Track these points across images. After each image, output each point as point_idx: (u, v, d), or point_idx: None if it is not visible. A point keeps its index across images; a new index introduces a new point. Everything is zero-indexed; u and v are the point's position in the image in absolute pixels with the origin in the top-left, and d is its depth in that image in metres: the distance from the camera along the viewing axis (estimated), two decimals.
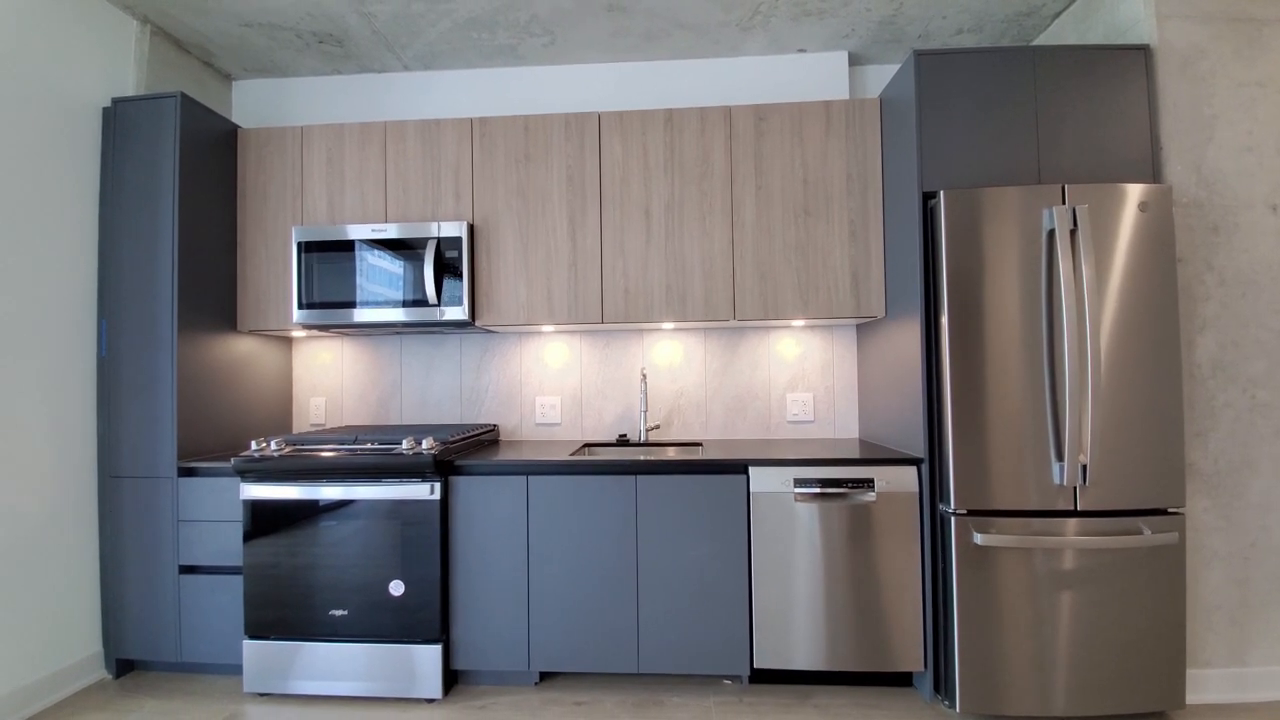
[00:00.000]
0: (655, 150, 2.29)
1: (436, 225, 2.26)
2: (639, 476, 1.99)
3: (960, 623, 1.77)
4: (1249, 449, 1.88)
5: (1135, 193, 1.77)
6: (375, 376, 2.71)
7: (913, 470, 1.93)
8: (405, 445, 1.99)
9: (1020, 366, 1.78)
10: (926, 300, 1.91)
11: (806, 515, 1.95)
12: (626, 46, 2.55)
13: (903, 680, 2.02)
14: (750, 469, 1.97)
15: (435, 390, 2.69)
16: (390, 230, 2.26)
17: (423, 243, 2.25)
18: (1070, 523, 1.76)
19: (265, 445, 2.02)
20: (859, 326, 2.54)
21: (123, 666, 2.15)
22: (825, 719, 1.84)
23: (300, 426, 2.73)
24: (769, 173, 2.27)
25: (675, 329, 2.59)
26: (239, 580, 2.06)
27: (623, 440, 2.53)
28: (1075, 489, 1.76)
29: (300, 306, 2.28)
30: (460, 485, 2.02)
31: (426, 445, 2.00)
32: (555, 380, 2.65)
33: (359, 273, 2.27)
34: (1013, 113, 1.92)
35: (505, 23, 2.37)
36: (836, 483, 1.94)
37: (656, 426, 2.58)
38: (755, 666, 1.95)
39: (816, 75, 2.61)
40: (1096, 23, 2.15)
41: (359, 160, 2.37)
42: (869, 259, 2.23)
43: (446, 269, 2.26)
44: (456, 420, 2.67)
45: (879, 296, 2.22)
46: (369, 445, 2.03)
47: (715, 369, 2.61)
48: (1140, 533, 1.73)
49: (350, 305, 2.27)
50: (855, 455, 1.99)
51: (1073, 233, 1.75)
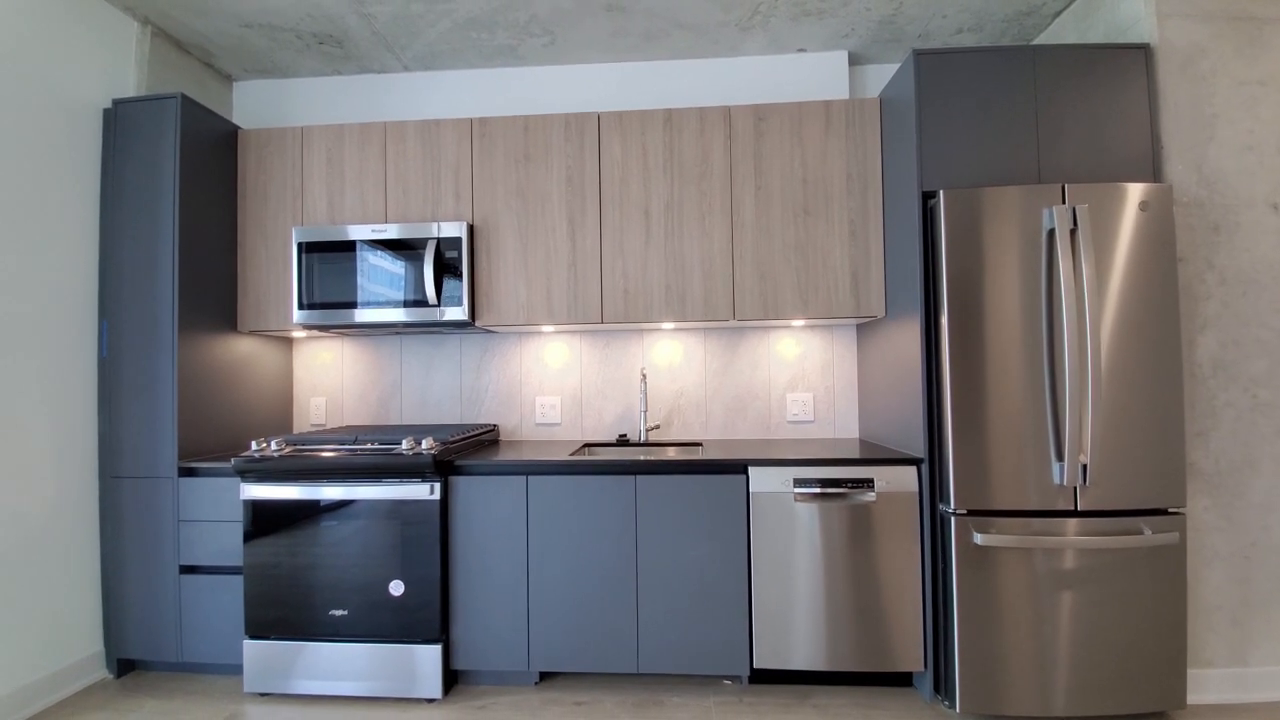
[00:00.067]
0: (655, 150, 2.29)
1: (436, 225, 2.26)
2: (639, 476, 1.99)
3: (960, 623, 1.77)
4: (1250, 448, 1.88)
5: (1136, 192, 1.77)
6: (375, 376, 2.71)
7: (912, 470, 1.93)
8: (405, 445, 1.99)
9: (1020, 366, 1.78)
10: (926, 300, 1.90)
11: (806, 515, 1.95)
12: (626, 46, 2.55)
13: (903, 680, 2.01)
14: (750, 469, 1.97)
15: (435, 390, 2.69)
16: (390, 230, 2.26)
17: (423, 243, 2.25)
18: (1070, 523, 1.76)
19: (265, 445, 2.02)
20: (859, 326, 2.53)
21: (123, 666, 2.15)
22: (825, 719, 1.84)
23: (301, 426, 2.74)
24: (769, 173, 2.26)
25: (675, 329, 2.59)
26: (239, 580, 2.06)
27: (623, 440, 2.53)
28: (1075, 489, 1.75)
29: (300, 307, 2.29)
30: (460, 485, 2.03)
31: (426, 445, 2.00)
32: (555, 380, 2.65)
33: (359, 273, 2.27)
34: (1013, 112, 1.92)
35: (505, 23, 2.37)
36: (836, 483, 1.94)
37: (656, 426, 2.58)
38: (755, 666, 1.95)
39: (816, 75, 2.61)
40: (1097, 22, 2.15)
41: (359, 160, 2.37)
42: (869, 259, 2.23)
43: (446, 269, 2.26)
44: (456, 420, 2.67)
45: (879, 296, 2.22)
46: (369, 445, 2.03)
47: (715, 369, 2.61)
48: (1141, 533, 1.73)
49: (350, 305, 2.27)
50: (855, 455, 1.99)
51: (1073, 232, 1.75)
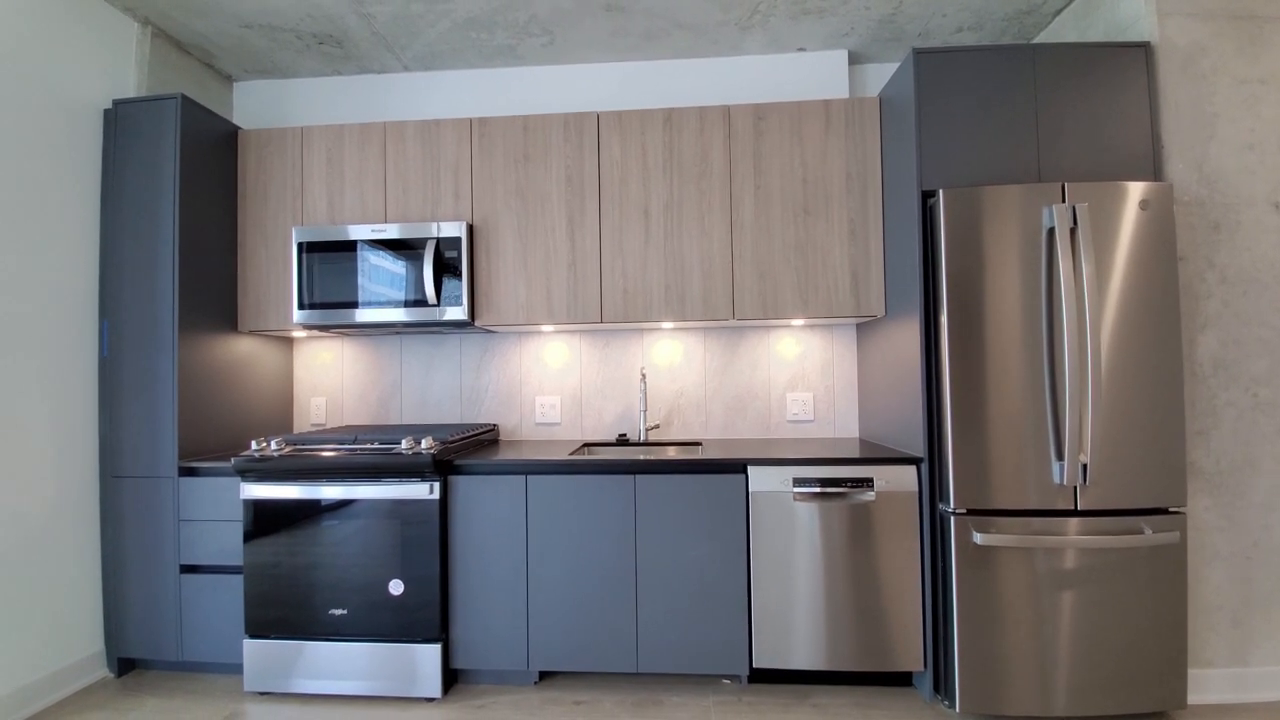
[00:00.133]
0: (654, 150, 2.29)
1: (436, 225, 2.26)
2: (638, 476, 1.99)
3: (960, 622, 1.77)
4: (1251, 448, 1.87)
5: (1136, 191, 1.77)
6: (375, 376, 2.72)
7: (912, 469, 1.92)
8: (405, 445, 1.99)
9: (1020, 365, 1.77)
10: (926, 299, 1.90)
11: (806, 515, 1.95)
12: (626, 46, 2.55)
13: (902, 680, 2.01)
14: (749, 468, 1.97)
15: (435, 390, 2.69)
16: (390, 230, 2.26)
17: (422, 243, 2.25)
18: (1070, 522, 1.75)
19: (265, 445, 2.03)
20: (859, 326, 2.53)
21: (124, 665, 2.16)
22: (824, 718, 1.84)
23: (301, 426, 2.74)
24: (768, 172, 2.26)
25: (675, 329, 2.59)
26: (239, 580, 2.07)
27: (622, 440, 2.53)
28: (1075, 488, 1.75)
29: (300, 307, 2.29)
30: (460, 485, 2.03)
31: (426, 445, 2.00)
32: (555, 380, 2.65)
33: (359, 273, 2.27)
34: (1013, 111, 1.91)
35: (504, 23, 2.37)
36: (836, 482, 1.94)
37: (656, 426, 2.58)
38: (754, 666, 1.95)
39: (816, 74, 2.60)
40: (1097, 20, 2.15)
41: (358, 161, 2.38)
42: (868, 258, 2.22)
43: (446, 269, 2.26)
44: (456, 420, 2.67)
45: (878, 296, 2.22)
46: (369, 445, 2.03)
47: (715, 368, 2.61)
48: (1141, 532, 1.73)
49: (350, 305, 2.27)
50: (855, 455, 1.98)
51: (1073, 231, 1.75)
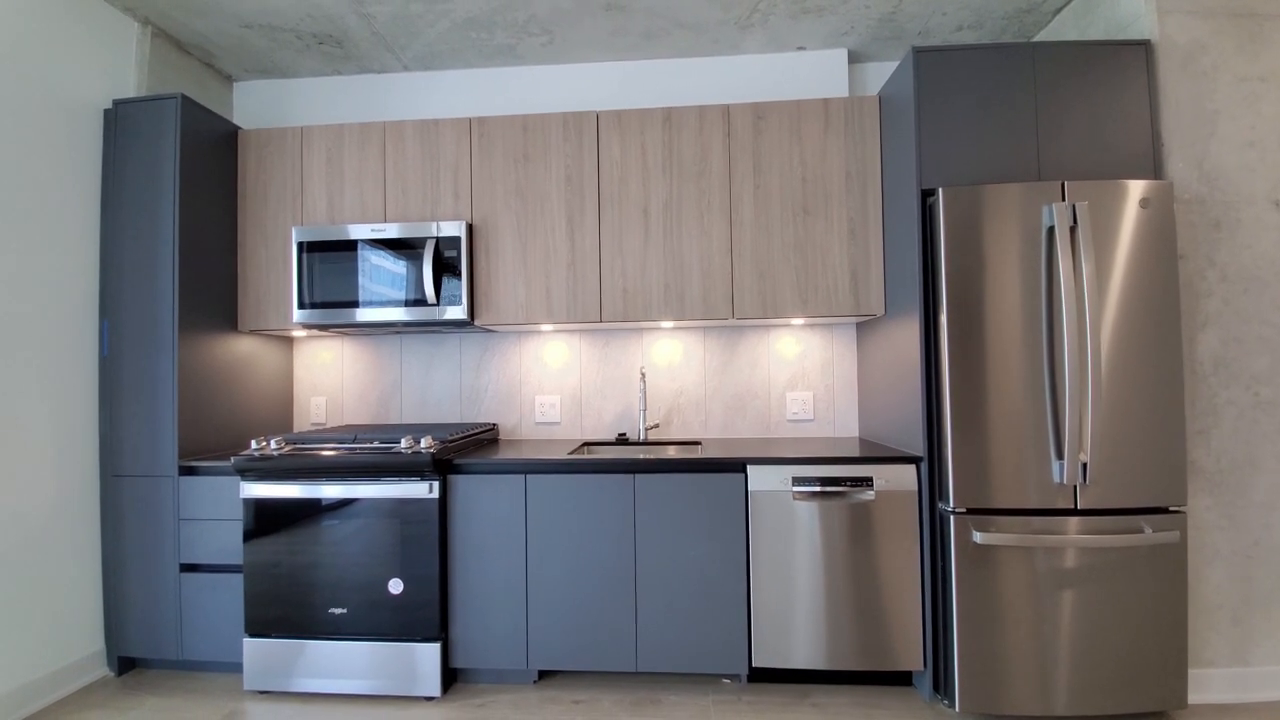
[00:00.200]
0: (653, 149, 2.29)
1: (435, 225, 2.26)
2: (637, 475, 1.99)
3: (960, 621, 1.77)
4: (1252, 447, 1.87)
5: (1136, 189, 1.76)
6: (375, 376, 2.72)
7: (911, 469, 1.92)
8: (404, 444, 1.99)
9: (1020, 364, 1.77)
10: (926, 298, 1.90)
11: (805, 514, 1.94)
12: (625, 45, 2.55)
13: (902, 679, 2.01)
14: (748, 467, 1.97)
15: (435, 389, 2.69)
16: (389, 230, 2.26)
17: (422, 242, 2.25)
18: (1070, 521, 1.75)
19: (265, 444, 2.03)
20: (859, 325, 2.53)
21: (124, 664, 2.16)
22: (824, 718, 1.84)
23: (301, 426, 2.74)
24: (768, 171, 2.26)
25: (674, 328, 2.59)
26: (239, 579, 2.07)
27: (622, 439, 2.53)
28: (1075, 487, 1.75)
29: (300, 306, 2.29)
30: (459, 484, 2.03)
31: (425, 444, 2.01)
32: (555, 379, 2.65)
33: (358, 272, 2.28)
34: (1012, 109, 1.91)
35: (504, 22, 2.37)
36: (835, 481, 1.94)
37: (656, 425, 2.58)
38: (754, 665, 1.95)
39: (816, 73, 2.60)
40: (1097, 19, 2.14)
41: (358, 160, 2.38)
42: (868, 257, 2.22)
43: (446, 268, 2.26)
44: (456, 419, 2.67)
45: (878, 295, 2.21)
46: (368, 444, 2.04)
47: (715, 368, 2.61)
48: (1141, 531, 1.72)
49: (350, 305, 2.28)
50: (854, 454, 1.98)
51: (1073, 230, 1.74)
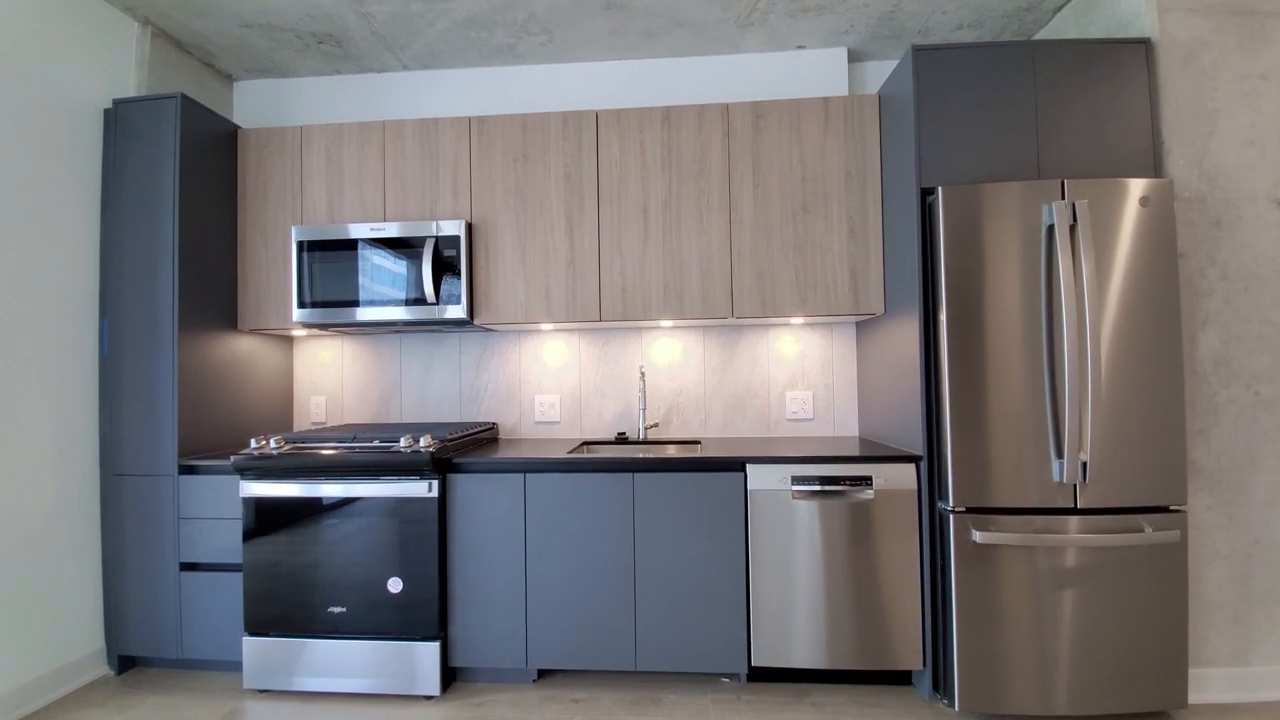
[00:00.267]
0: (653, 148, 2.29)
1: (435, 224, 2.26)
2: (636, 474, 1.99)
3: (959, 621, 1.76)
4: (1252, 446, 1.86)
5: (1136, 187, 1.76)
6: (375, 375, 2.72)
7: (911, 468, 1.92)
8: (403, 443, 2.00)
9: (1020, 363, 1.77)
10: (925, 297, 1.90)
11: (805, 513, 1.94)
12: (625, 44, 2.55)
13: (901, 679, 2.01)
14: (748, 466, 1.97)
15: (435, 389, 2.69)
16: (389, 229, 2.26)
17: (421, 241, 2.26)
18: (1070, 520, 1.74)
19: (264, 443, 2.03)
20: (858, 324, 2.53)
21: (124, 663, 2.16)
22: (823, 717, 1.84)
23: (301, 425, 2.74)
24: (767, 170, 2.26)
25: (674, 327, 2.59)
26: (239, 577, 2.07)
27: (621, 438, 2.53)
28: (1075, 486, 1.74)
29: (300, 305, 2.29)
30: (458, 483, 2.03)
31: (424, 443, 2.01)
32: (554, 378, 2.65)
33: (358, 272, 2.28)
34: (1012, 108, 1.90)
35: (503, 22, 2.37)
36: (834, 480, 1.93)
37: (655, 425, 2.57)
38: (753, 664, 1.94)
39: (816, 72, 2.60)
40: (1098, 17, 2.14)
41: (358, 160, 2.38)
42: (868, 256, 2.22)
43: (445, 267, 2.26)
44: (456, 419, 2.67)
45: (878, 293, 2.21)
46: (368, 443, 2.04)
47: (714, 367, 2.60)
48: (1141, 530, 1.72)
49: (349, 304, 2.28)
50: (854, 453, 1.98)
51: (1072, 228, 1.74)
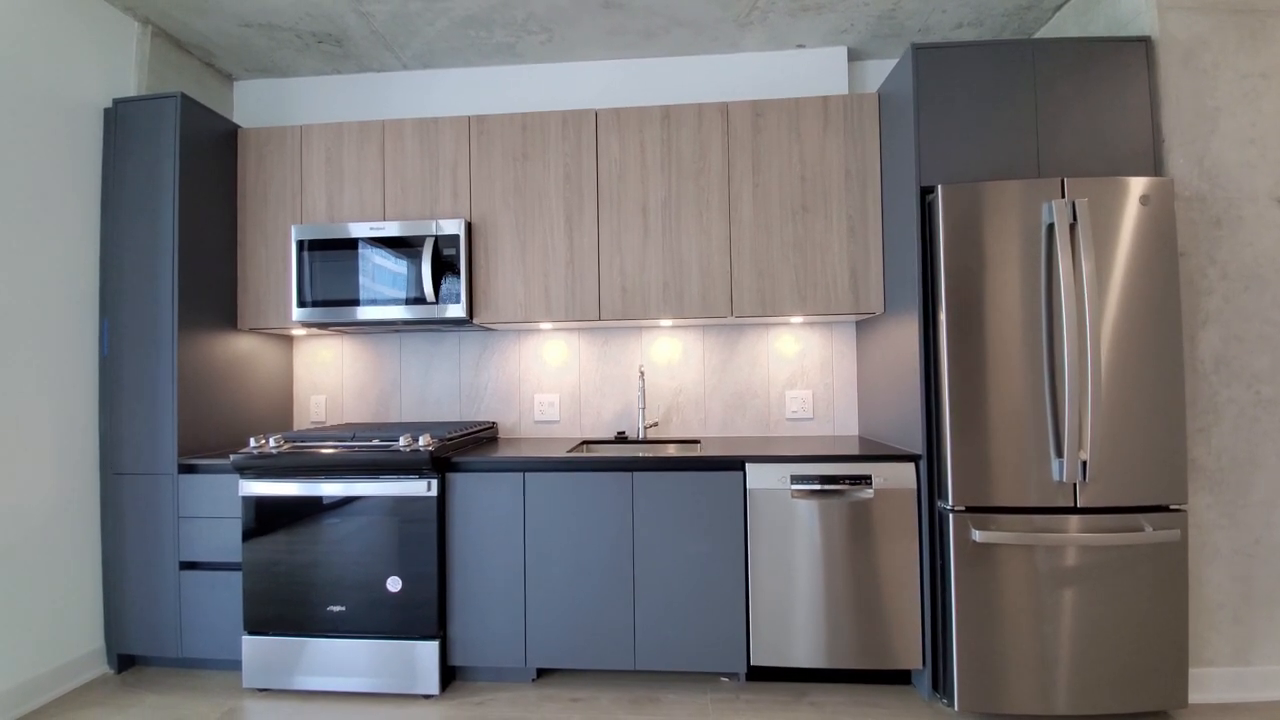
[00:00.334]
0: (652, 147, 2.29)
1: (434, 223, 2.26)
2: (636, 473, 1.99)
3: (959, 620, 1.76)
4: (1253, 445, 1.86)
5: (1136, 186, 1.75)
6: (375, 374, 2.72)
7: (911, 467, 1.91)
8: (403, 442, 2.00)
9: (1019, 362, 1.76)
10: (925, 296, 1.89)
11: (804, 512, 1.94)
12: (624, 44, 2.55)
13: (901, 678, 2.00)
14: (747, 465, 1.97)
15: (434, 388, 2.69)
16: (389, 228, 2.27)
17: (421, 240, 2.26)
18: (1070, 519, 1.74)
19: (264, 442, 2.03)
20: (858, 323, 2.52)
21: (124, 662, 2.16)
22: (822, 716, 1.84)
23: (301, 424, 2.75)
24: (767, 169, 2.26)
25: (673, 326, 2.59)
26: (238, 576, 2.07)
27: (621, 438, 2.53)
28: (1075, 485, 1.74)
29: (300, 304, 2.29)
30: (457, 482, 2.03)
31: (424, 442, 2.01)
32: (554, 378, 2.65)
33: (358, 271, 2.28)
34: (1012, 107, 1.90)
35: (502, 21, 2.37)
36: (834, 479, 1.93)
37: (655, 424, 2.57)
38: (752, 664, 1.94)
39: (815, 71, 2.60)
40: (1098, 15, 2.13)
41: (357, 159, 2.38)
42: (867, 255, 2.22)
43: (445, 267, 2.26)
44: (456, 418, 2.67)
45: (877, 293, 2.21)
46: (367, 442, 2.04)
47: (714, 366, 2.60)
48: (1141, 529, 1.72)
49: (349, 303, 2.28)
50: (854, 452, 1.97)
51: (1072, 227, 1.74)
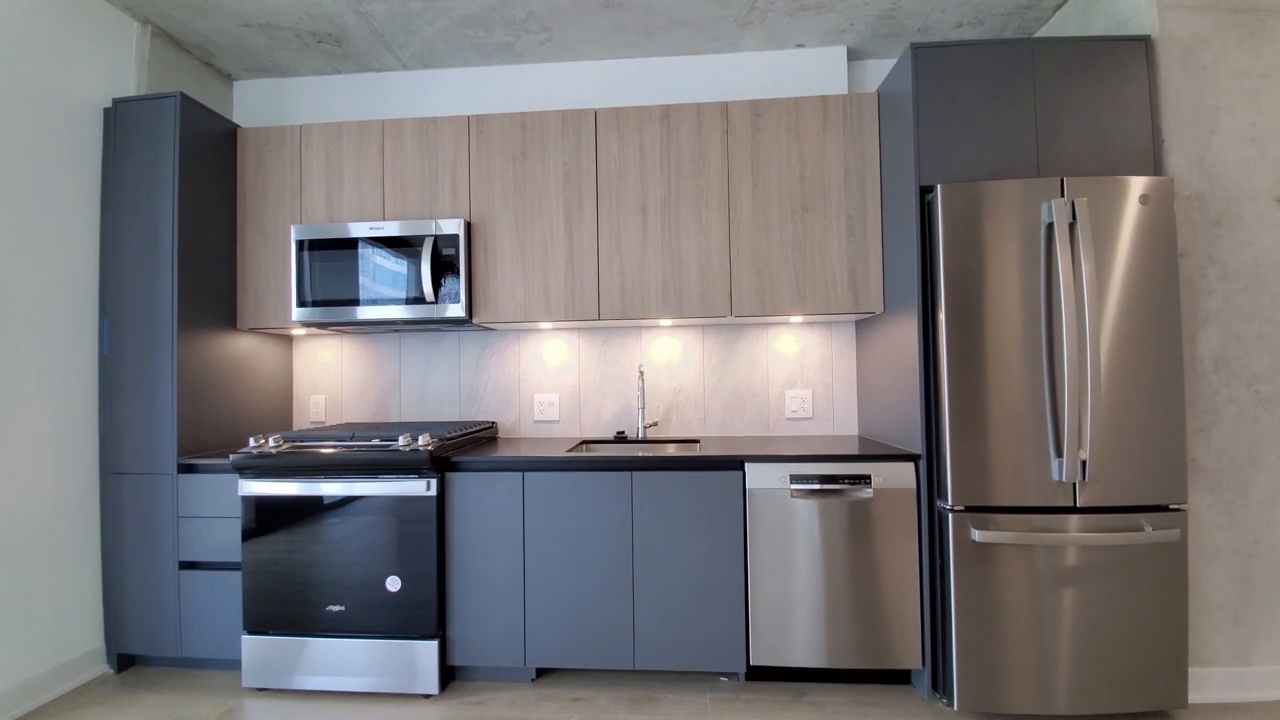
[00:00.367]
0: (652, 147, 2.29)
1: (434, 223, 2.26)
2: (635, 473, 1.99)
3: (958, 620, 1.76)
4: (1253, 445, 1.85)
5: (1136, 185, 1.75)
6: (375, 374, 2.72)
7: (910, 466, 1.91)
8: (402, 442, 2.00)
9: (1019, 361, 1.76)
10: (924, 295, 1.89)
11: (803, 512, 1.94)
12: (624, 43, 2.54)
13: (900, 678, 2.00)
14: (747, 465, 1.97)
15: (434, 388, 2.69)
16: (388, 228, 2.27)
17: (420, 240, 2.26)
18: (1070, 519, 1.74)
19: (263, 442, 2.03)
20: (858, 323, 2.52)
21: (124, 661, 2.16)
22: (822, 716, 1.84)
23: (301, 424, 2.75)
24: (766, 169, 2.26)
25: (673, 326, 2.59)
26: (238, 576, 2.07)
27: (620, 437, 2.53)
28: (1075, 485, 1.74)
29: (299, 304, 2.29)
30: (457, 482, 2.03)
31: (423, 442, 2.01)
32: (553, 377, 2.65)
33: (357, 271, 2.28)
34: (1012, 106, 1.90)
35: (502, 20, 2.37)
36: (833, 479, 1.93)
37: (654, 424, 2.57)
38: (752, 663, 1.94)
39: (815, 70, 2.59)
40: (1098, 14, 2.13)
41: (357, 159, 2.38)
42: (867, 255, 2.22)
43: (444, 266, 2.26)
44: (455, 418, 2.67)
45: (877, 292, 2.21)
46: (366, 442, 2.04)
47: (713, 366, 2.60)
48: (1141, 529, 1.71)
49: (348, 303, 2.28)
50: (853, 452, 1.97)
51: (1072, 226, 1.73)
